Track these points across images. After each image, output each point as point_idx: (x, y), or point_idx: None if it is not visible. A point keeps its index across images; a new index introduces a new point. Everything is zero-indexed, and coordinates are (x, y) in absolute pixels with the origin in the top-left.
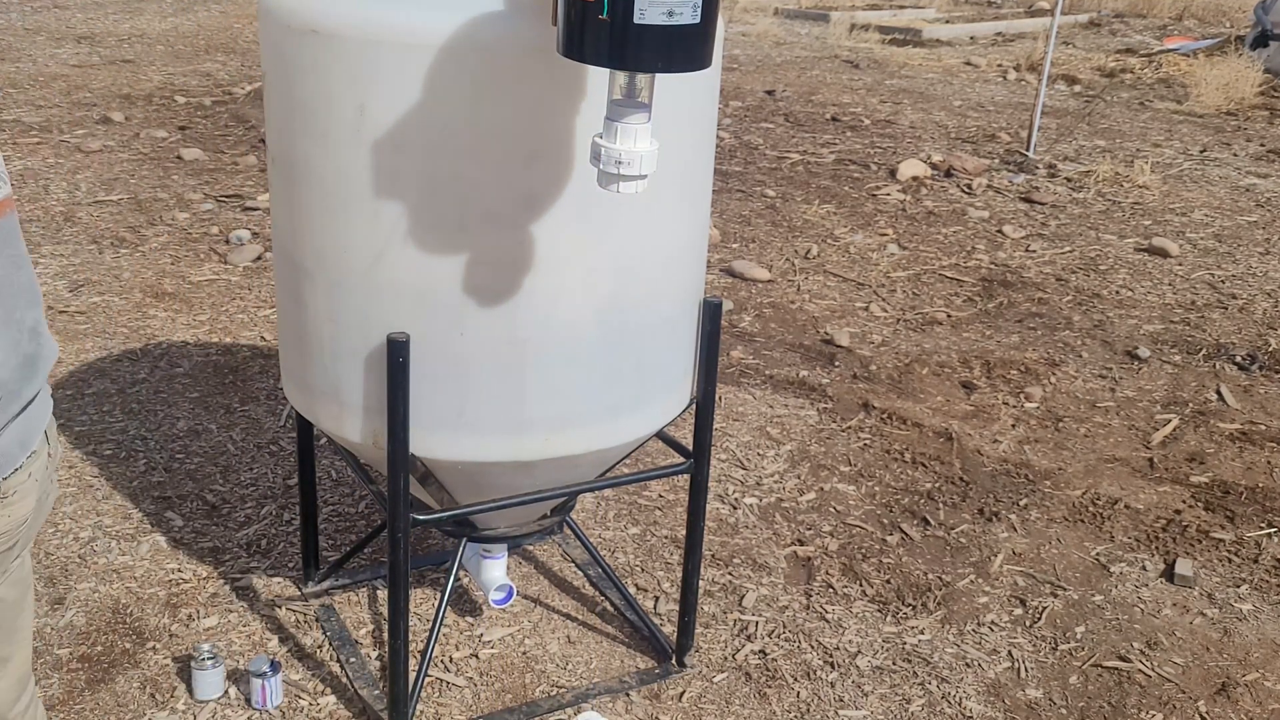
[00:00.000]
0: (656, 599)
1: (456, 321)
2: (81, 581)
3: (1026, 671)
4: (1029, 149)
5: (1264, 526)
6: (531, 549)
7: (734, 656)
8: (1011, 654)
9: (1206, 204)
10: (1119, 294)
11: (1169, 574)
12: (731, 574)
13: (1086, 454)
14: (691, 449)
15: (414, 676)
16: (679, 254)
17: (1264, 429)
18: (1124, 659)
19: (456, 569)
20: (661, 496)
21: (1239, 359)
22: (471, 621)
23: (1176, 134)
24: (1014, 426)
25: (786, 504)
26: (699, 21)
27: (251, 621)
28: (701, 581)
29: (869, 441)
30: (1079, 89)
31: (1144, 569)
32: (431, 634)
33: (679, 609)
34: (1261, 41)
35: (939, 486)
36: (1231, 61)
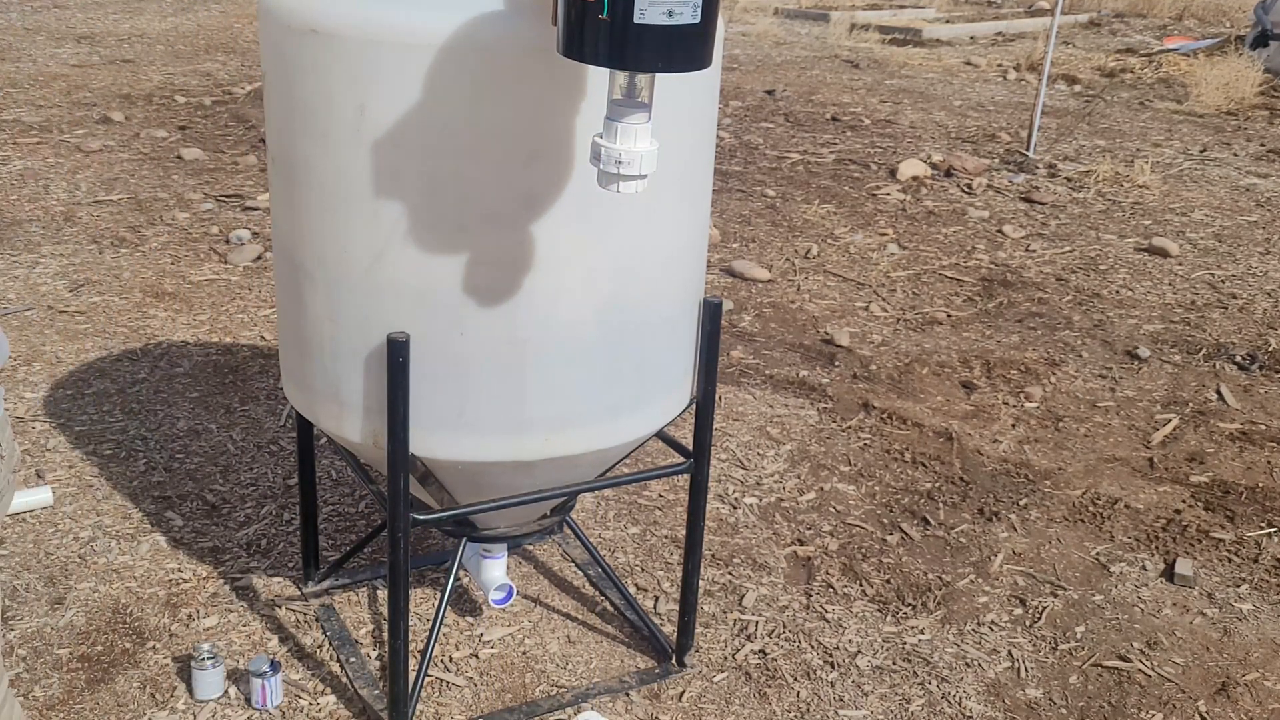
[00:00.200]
0: (656, 599)
1: (456, 321)
2: (81, 581)
3: (1026, 671)
4: (1029, 149)
5: (1264, 526)
6: (531, 549)
7: (734, 656)
8: (1011, 654)
9: (1206, 204)
10: (1119, 294)
11: (1169, 574)
12: (731, 574)
13: (1086, 454)
14: (691, 449)
15: (414, 676)
16: (679, 254)
17: (1264, 429)
18: (1124, 659)
19: (456, 569)
20: (661, 496)
21: (1239, 359)
22: (471, 621)
23: (1176, 134)
24: (1014, 426)
25: (786, 504)
26: (699, 21)
27: (251, 621)
28: (701, 581)
29: (869, 441)
30: (1079, 89)
31: (1144, 569)
32: (431, 634)
33: (679, 609)
34: (1261, 41)
35: (939, 486)
36: (1231, 61)
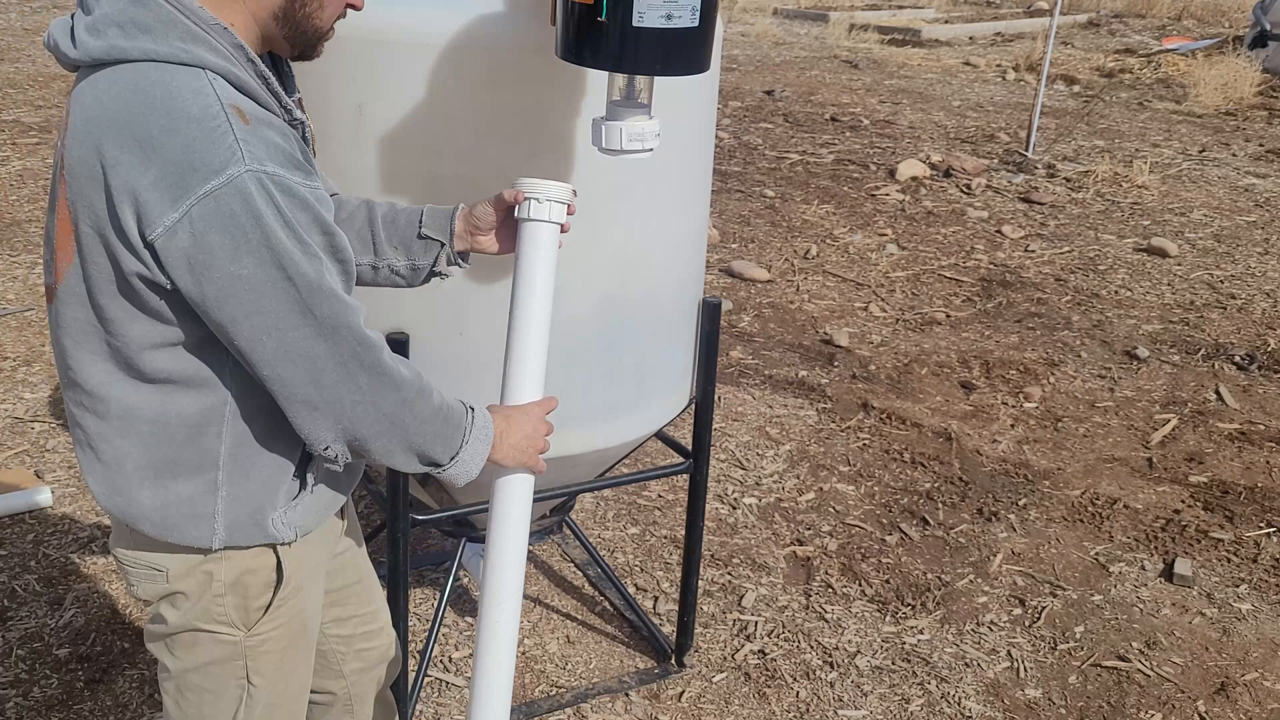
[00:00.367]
0: (656, 599)
1: (456, 321)
2: (80, 581)
3: (1026, 671)
4: (1028, 149)
5: (1263, 526)
6: (531, 549)
7: (733, 656)
8: (1011, 654)
9: (1205, 204)
10: (1118, 294)
11: (1168, 574)
12: (731, 574)
13: (1085, 454)
14: (691, 449)
15: (414, 676)
16: (678, 254)
17: (1263, 429)
18: (1123, 659)
19: (456, 569)
20: (661, 496)
21: (1238, 359)
22: (471, 621)
23: (1175, 134)
24: (1013, 426)
25: (786, 504)
26: (697, 25)
27: None
28: (701, 581)
29: (868, 441)
30: (1078, 89)
31: (1143, 569)
32: (431, 634)
33: (678, 609)
34: (1260, 41)
35: (938, 486)
36: (1230, 61)
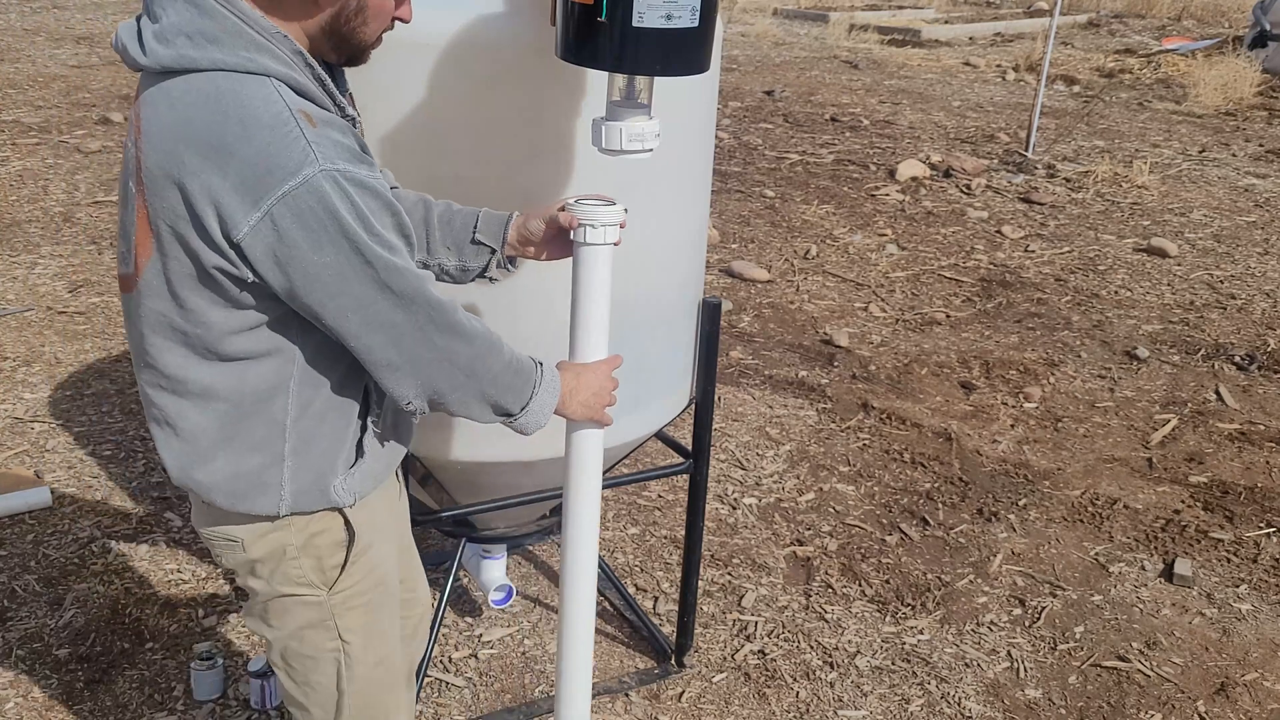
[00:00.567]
0: (656, 599)
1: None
2: (80, 581)
3: (1026, 671)
4: (1028, 149)
5: (1263, 526)
6: (531, 549)
7: (733, 656)
8: (1011, 654)
9: (1205, 204)
10: (1118, 294)
11: (1168, 574)
12: (731, 574)
13: (1085, 454)
14: (691, 449)
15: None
16: (678, 254)
17: (1263, 429)
18: (1123, 659)
19: (456, 569)
20: (661, 496)
21: (1238, 359)
22: (471, 621)
23: (1175, 134)
24: (1013, 427)
25: (786, 504)
26: (697, 25)
27: None
28: (701, 581)
29: (868, 442)
30: (1078, 89)
31: (1143, 569)
32: (431, 634)
33: (678, 609)
34: (1260, 41)
35: (938, 487)
36: (1230, 62)
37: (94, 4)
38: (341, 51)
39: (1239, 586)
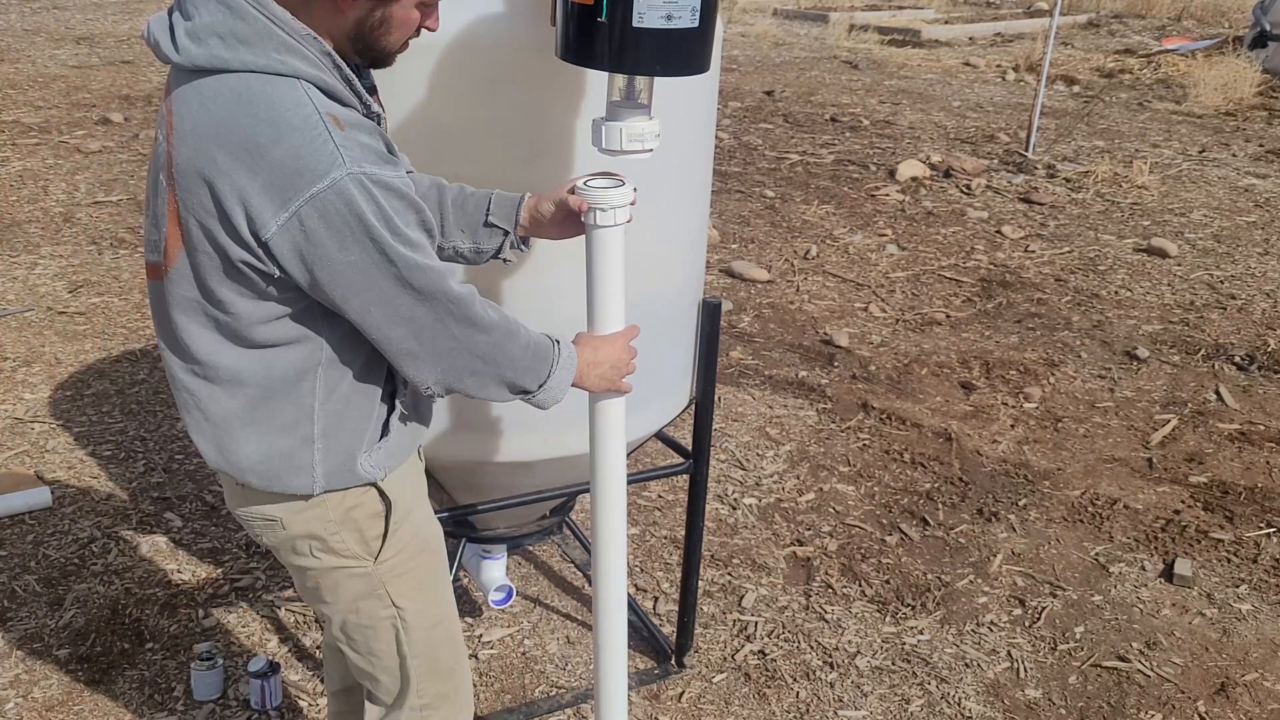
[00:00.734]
0: (656, 599)
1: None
2: (80, 582)
3: (1026, 671)
4: (1028, 149)
5: (1263, 526)
6: (531, 549)
7: (733, 657)
8: (1011, 654)
9: (1205, 204)
10: (1118, 294)
11: (1168, 574)
12: (731, 574)
13: (1085, 454)
14: (691, 449)
15: None
16: (678, 254)
17: (1263, 429)
18: (1123, 659)
19: (456, 569)
20: (661, 496)
21: (1238, 359)
22: (471, 622)
23: (1175, 134)
24: (1013, 427)
25: (786, 504)
26: (697, 25)
27: (251, 622)
28: (701, 582)
29: (868, 442)
30: (1078, 89)
31: (1143, 569)
32: None
33: (678, 609)
34: (1260, 42)
35: (938, 487)
36: (1230, 62)
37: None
38: (365, 56)
39: (1239, 587)
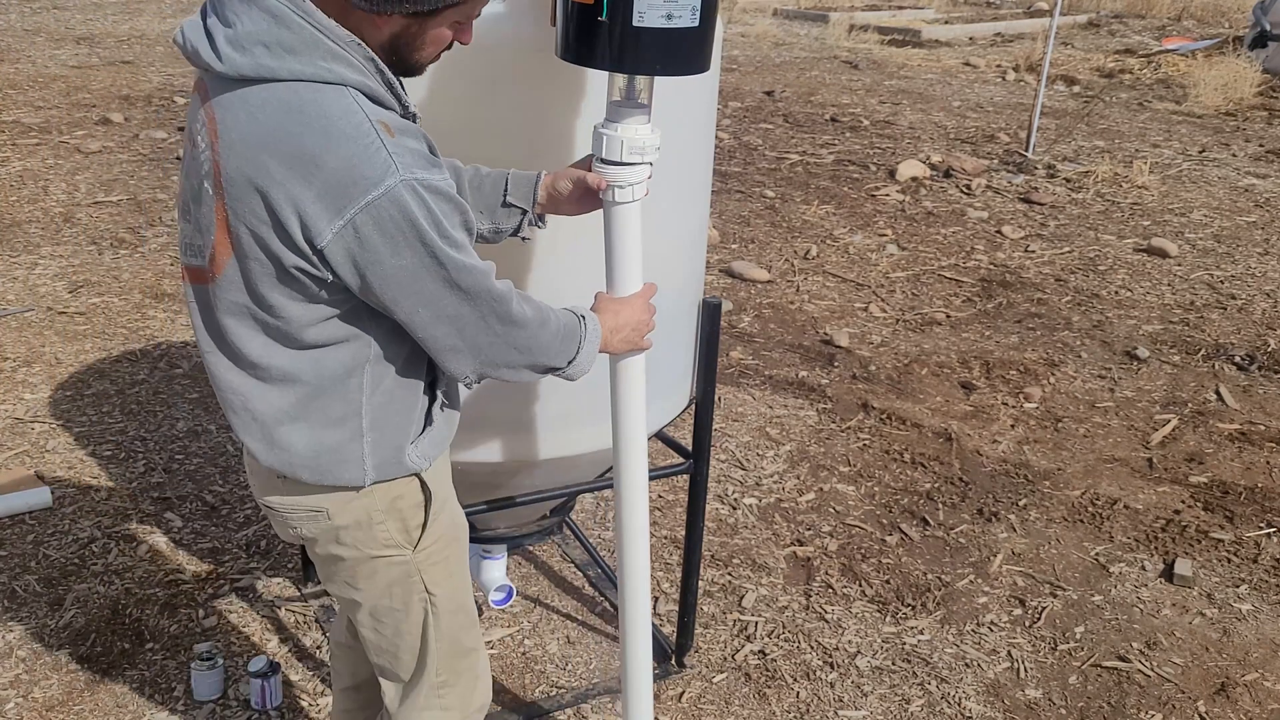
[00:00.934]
0: (656, 599)
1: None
2: (81, 582)
3: (1026, 671)
4: (1028, 149)
5: (1263, 526)
6: (531, 549)
7: (733, 657)
8: (1011, 654)
9: (1205, 204)
10: (1118, 294)
11: (1168, 574)
12: (731, 574)
13: (1086, 454)
14: (691, 449)
15: None
16: (678, 254)
17: (1263, 429)
18: (1123, 659)
19: None
20: (661, 497)
21: (1238, 359)
22: None
23: (1175, 134)
24: (1013, 427)
25: (786, 504)
26: (698, 24)
27: (251, 622)
28: (701, 582)
29: (868, 442)
30: (1078, 89)
31: (1143, 569)
32: None
33: (678, 609)
34: (1260, 42)
35: (938, 487)
36: (1230, 62)
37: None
38: (396, 68)
39: (1239, 587)
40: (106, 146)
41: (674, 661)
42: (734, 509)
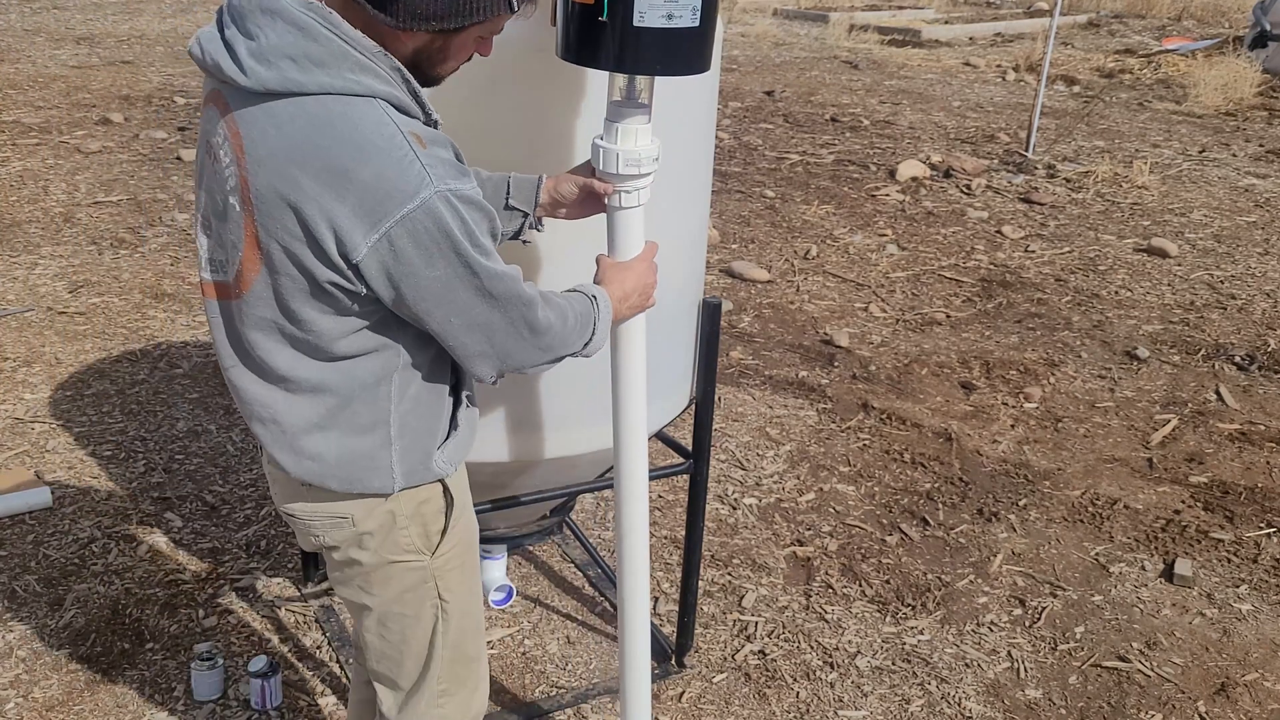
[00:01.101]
0: (656, 599)
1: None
2: (81, 582)
3: (1026, 671)
4: (1028, 149)
5: (1263, 526)
6: (531, 549)
7: (733, 657)
8: (1011, 654)
9: (1205, 204)
10: (1118, 294)
11: (1168, 574)
12: (731, 574)
13: (1086, 454)
14: (691, 449)
15: None
16: (678, 254)
17: (1263, 429)
18: (1123, 659)
19: None
20: (661, 497)
21: (1238, 359)
22: None
23: (1175, 134)
24: (1013, 427)
25: (786, 504)
26: (698, 24)
27: (251, 622)
28: (701, 582)
29: (868, 442)
30: (1078, 89)
31: (1143, 569)
32: None
33: (678, 609)
34: (1260, 42)
35: (938, 487)
36: (1230, 62)
37: (94, 4)
38: (416, 78)
39: (1239, 587)
40: (106, 146)
41: (674, 661)
42: (734, 509)
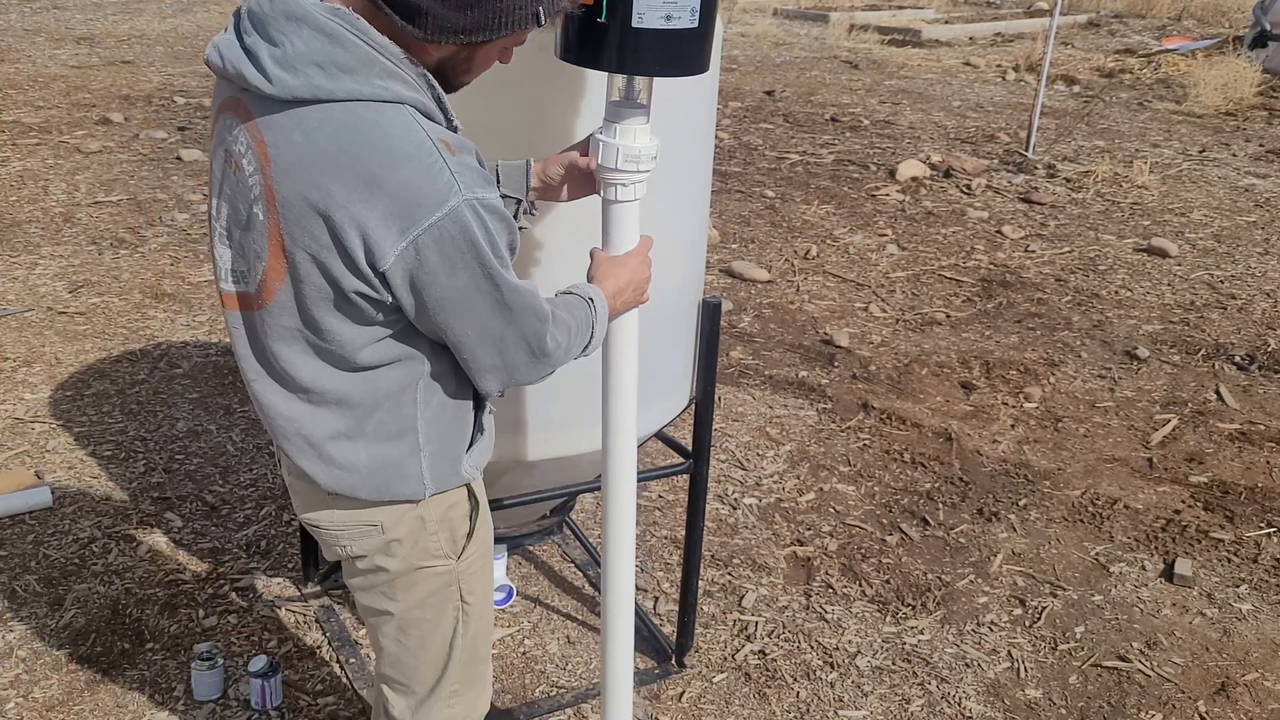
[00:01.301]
0: (656, 599)
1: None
2: (81, 582)
3: (1026, 671)
4: (1028, 149)
5: (1263, 526)
6: (531, 549)
7: (734, 657)
8: (1011, 654)
9: (1205, 204)
10: (1118, 294)
11: (1168, 574)
12: (731, 574)
13: (1086, 454)
14: (691, 449)
15: None
16: (677, 254)
17: (1263, 429)
18: (1123, 659)
19: None
20: (661, 497)
21: (1238, 359)
22: None
23: (1175, 134)
24: (1013, 427)
25: (786, 504)
26: (697, 25)
27: (251, 622)
28: (701, 582)
29: (868, 442)
30: (1078, 89)
31: (1143, 569)
32: None
33: (678, 609)
34: (1260, 41)
35: (938, 486)
36: (1230, 62)
37: (94, 4)
38: (442, 86)
39: (1239, 586)
40: (106, 146)
41: (674, 661)
42: (734, 509)
